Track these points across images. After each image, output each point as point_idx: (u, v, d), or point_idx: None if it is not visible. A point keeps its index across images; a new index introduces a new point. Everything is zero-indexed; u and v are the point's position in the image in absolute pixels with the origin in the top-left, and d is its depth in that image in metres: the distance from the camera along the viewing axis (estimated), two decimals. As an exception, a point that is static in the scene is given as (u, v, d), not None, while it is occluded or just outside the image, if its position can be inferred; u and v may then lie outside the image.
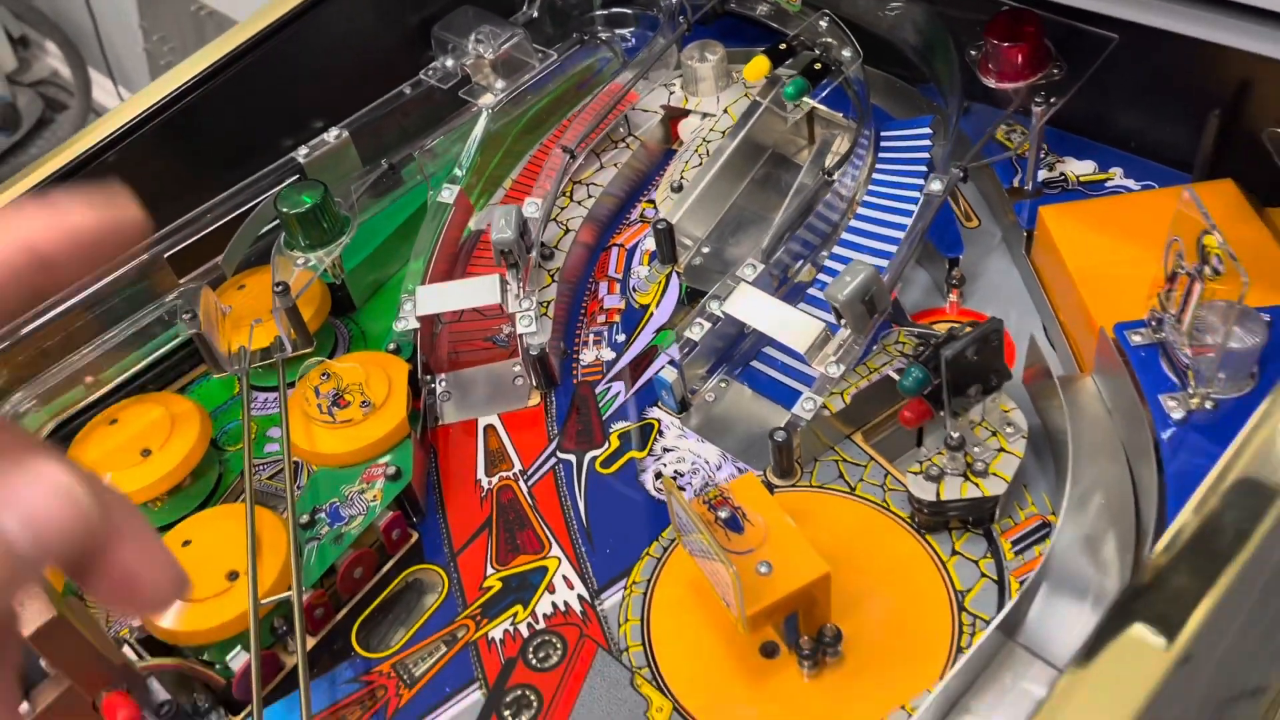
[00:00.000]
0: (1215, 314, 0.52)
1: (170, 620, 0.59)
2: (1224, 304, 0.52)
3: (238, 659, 0.59)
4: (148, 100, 0.76)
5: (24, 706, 0.51)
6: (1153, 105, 0.74)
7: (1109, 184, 0.75)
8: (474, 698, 0.59)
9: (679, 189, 0.82)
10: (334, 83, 0.84)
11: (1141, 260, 0.65)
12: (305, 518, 0.64)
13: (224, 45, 0.78)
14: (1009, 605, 0.51)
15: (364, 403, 0.68)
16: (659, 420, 0.71)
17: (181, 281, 0.75)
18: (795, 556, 0.55)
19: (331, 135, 0.80)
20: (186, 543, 0.63)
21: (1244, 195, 0.68)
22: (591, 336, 0.77)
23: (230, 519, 0.64)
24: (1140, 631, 0.37)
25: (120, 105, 0.75)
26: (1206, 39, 0.60)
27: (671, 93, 0.91)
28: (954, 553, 0.60)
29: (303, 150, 0.79)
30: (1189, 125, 0.72)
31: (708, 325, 0.69)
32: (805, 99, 0.78)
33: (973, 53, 0.75)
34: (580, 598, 0.62)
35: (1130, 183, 0.74)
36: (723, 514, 0.57)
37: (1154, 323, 0.58)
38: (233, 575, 0.60)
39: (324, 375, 0.69)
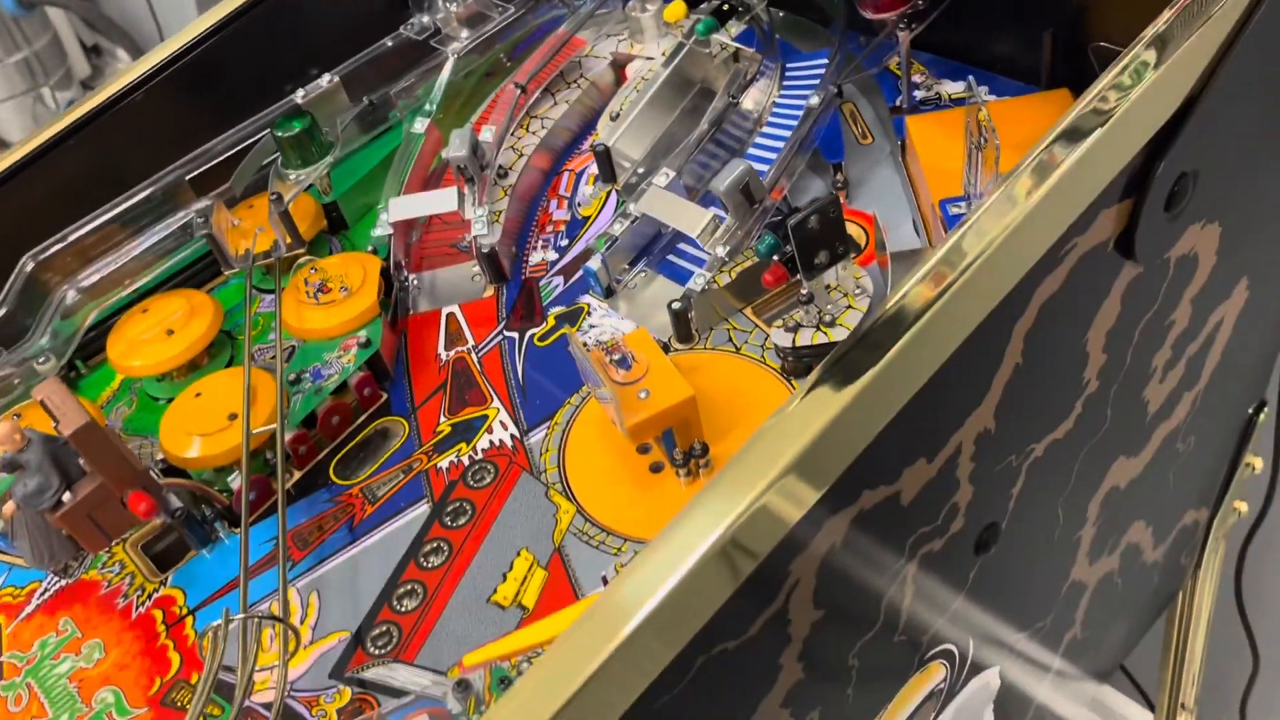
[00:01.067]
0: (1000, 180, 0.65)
1: (182, 450, 0.74)
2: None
3: (236, 480, 0.74)
4: (171, 47, 0.92)
5: (67, 495, 0.67)
6: (1009, 31, 0.86)
7: (972, 100, 0.87)
8: (422, 509, 0.74)
9: (615, 117, 0.96)
10: (328, 38, 0.99)
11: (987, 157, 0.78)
12: (292, 376, 0.79)
13: (232, 3, 0.93)
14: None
15: (343, 289, 0.83)
16: (588, 305, 0.85)
17: (199, 200, 0.90)
18: (669, 384, 0.69)
19: (325, 80, 0.95)
20: (198, 394, 0.78)
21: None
22: (540, 243, 0.92)
23: (233, 378, 0.79)
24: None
25: (148, 53, 0.91)
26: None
27: (620, 41, 1.05)
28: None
29: (300, 93, 0.94)
30: (1035, 46, 0.84)
31: (626, 222, 0.83)
32: (722, 38, 0.91)
33: (856, -10, 0.87)
34: (512, 436, 0.77)
35: (992, 99, 0.87)
36: (615, 357, 0.71)
37: (969, 197, 0.71)
38: (233, 417, 0.76)
39: (312, 269, 0.85)
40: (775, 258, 0.73)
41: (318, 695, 0.65)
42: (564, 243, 0.91)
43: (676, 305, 0.77)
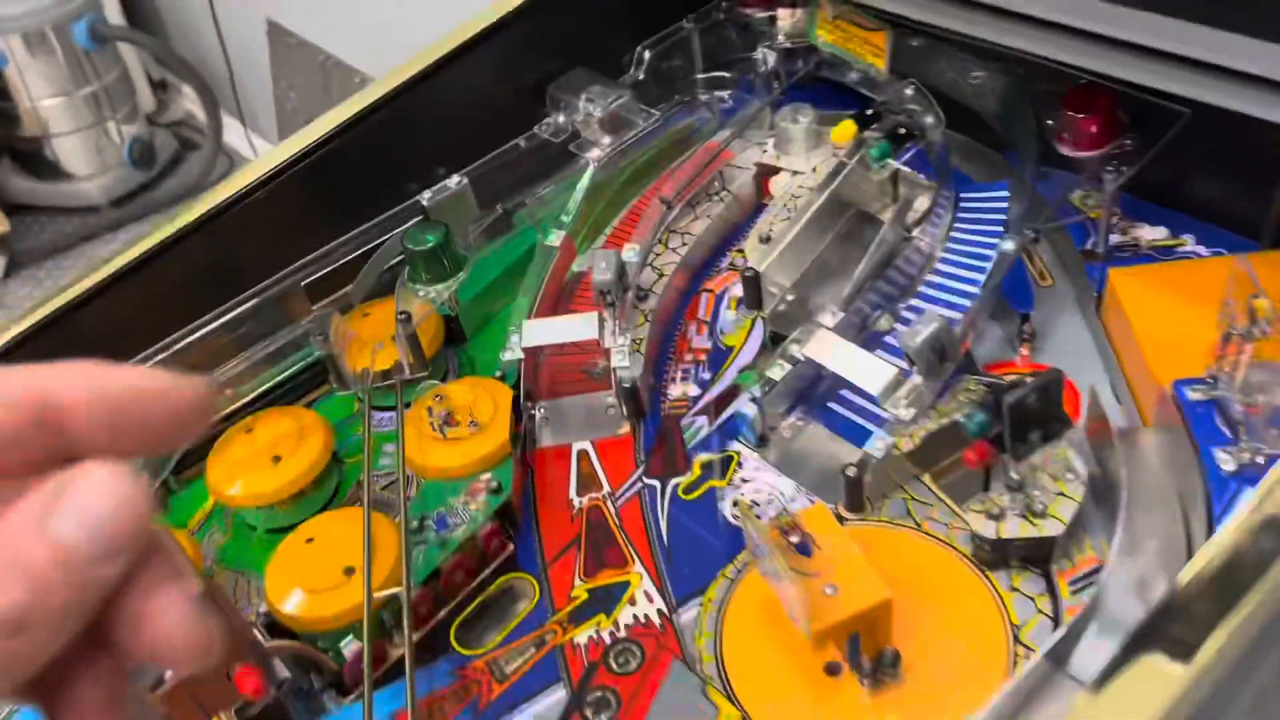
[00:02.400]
0: (1266, 373, 0.56)
1: (292, 607, 0.66)
2: (1275, 364, 0.56)
3: (350, 646, 0.65)
4: (294, 148, 0.86)
5: (168, 673, 0.58)
6: (1224, 175, 0.77)
7: (1179, 250, 0.78)
8: (558, 695, 0.64)
9: (767, 240, 0.88)
10: (456, 135, 0.92)
11: (1203, 321, 0.69)
12: (415, 523, 0.71)
13: (360, 101, 0.87)
14: (1057, 635, 0.55)
15: (472, 423, 0.75)
16: (739, 453, 0.76)
17: (315, 308, 0.83)
18: (860, 581, 0.60)
19: (453, 182, 0.88)
20: (310, 540, 0.70)
21: (1309, 264, 0.71)
22: (680, 373, 0.83)
23: (349, 521, 0.71)
24: (1156, 656, 0.40)
25: (270, 151, 0.85)
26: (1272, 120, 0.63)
27: (764, 151, 0.97)
28: (1012, 589, 0.64)
29: (427, 194, 0.87)
30: (1259, 195, 0.75)
31: (788, 366, 0.75)
32: (889, 160, 0.83)
33: (1050, 122, 0.79)
34: (659, 611, 0.68)
35: (1200, 249, 0.78)
36: (794, 539, 0.62)
37: (1211, 380, 0.62)
38: (349, 571, 0.67)
39: (437, 397, 0.77)
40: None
41: None
42: (706, 375, 0.83)
43: (852, 471, 0.68)
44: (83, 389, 0.27)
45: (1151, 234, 0.80)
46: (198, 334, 0.79)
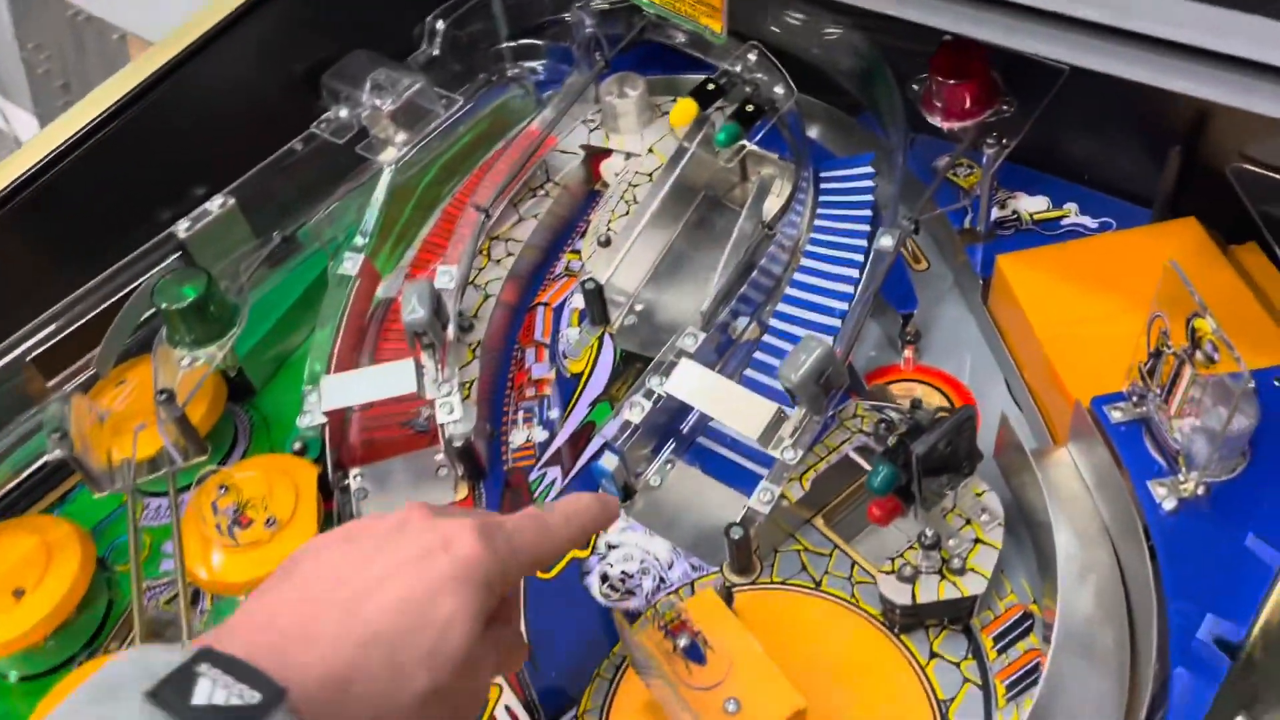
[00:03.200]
0: (1208, 394, 0.48)
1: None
2: (1216, 381, 0.47)
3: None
4: (4, 176, 0.67)
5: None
6: (1106, 136, 0.69)
7: (1064, 221, 0.70)
8: None
9: (607, 243, 0.76)
10: (215, 143, 0.75)
11: (1110, 317, 0.61)
12: (208, 663, 0.56)
13: (86, 112, 0.69)
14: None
15: (269, 520, 0.60)
16: (601, 511, 0.64)
17: (51, 384, 0.66)
18: (766, 689, 0.50)
19: (215, 204, 0.71)
20: (70, 705, 0.54)
21: (1207, 234, 0.64)
22: (521, 414, 0.71)
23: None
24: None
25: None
26: (1157, 85, 0.54)
27: (591, 130, 0.84)
28: (932, 655, 0.55)
29: (183, 223, 0.70)
30: (1144, 156, 0.68)
31: (648, 405, 0.63)
32: (750, 145, 0.72)
33: (915, 87, 0.69)
34: (526, 731, 0.56)
35: (1087, 219, 0.70)
36: (682, 642, 0.51)
37: (1134, 398, 0.54)
38: (126, 744, 0.52)
39: (221, 488, 0.62)
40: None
41: None
42: (553, 414, 0.70)
43: (736, 533, 0.57)
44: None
45: (1032, 205, 0.71)
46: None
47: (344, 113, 0.76)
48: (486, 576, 0.43)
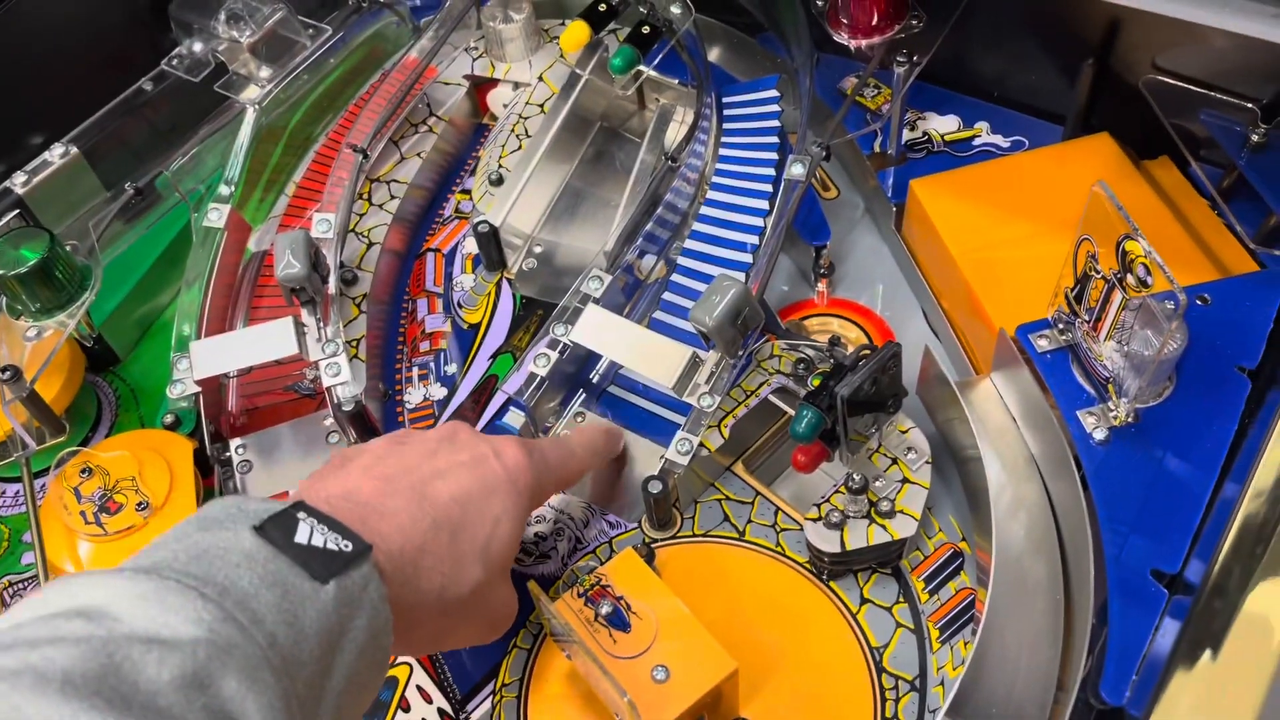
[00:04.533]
0: (1138, 318, 0.46)
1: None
2: (1146, 305, 0.45)
3: None
4: None
5: None
6: (1016, 51, 0.67)
7: (976, 141, 0.67)
8: None
9: (498, 181, 0.70)
10: (50, 84, 0.67)
11: (1029, 240, 0.59)
12: (81, 666, 0.51)
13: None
14: (954, 690, 0.44)
15: (140, 504, 0.54)
16: (508, 470, 0.60)
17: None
18: (695, 653, 0.47)
19: (55, 153, 0.64)
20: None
21: (1121, 150, 0.62)
22: (416, 371, 0.66)
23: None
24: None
25: None
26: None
27: (475, 58, 0.78)
28: (863, 601, 0.53)
29: (19, 177, 0.63)
30: (1054, 71, 0.65)
31: (554, 355, 0.59)
32: (647, 70, 0.67)
33: (819, 3, 0.65)
34: (441, 713, 0.52)
35: (999, 139, 0.67)
36: (604, 609, 0.48)
37: (1060, 325, 0.52)
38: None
39: (84, 471, 0.55)
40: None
41: None
42: (449, 369, 0.65)
43: (655, 487, 0.54)
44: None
45: (942, 125, 0.68)
46: None
47: (198, 46, 0.68)
48: (529, 485, 0.47)
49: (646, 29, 0.65)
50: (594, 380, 0.62)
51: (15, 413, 0.55)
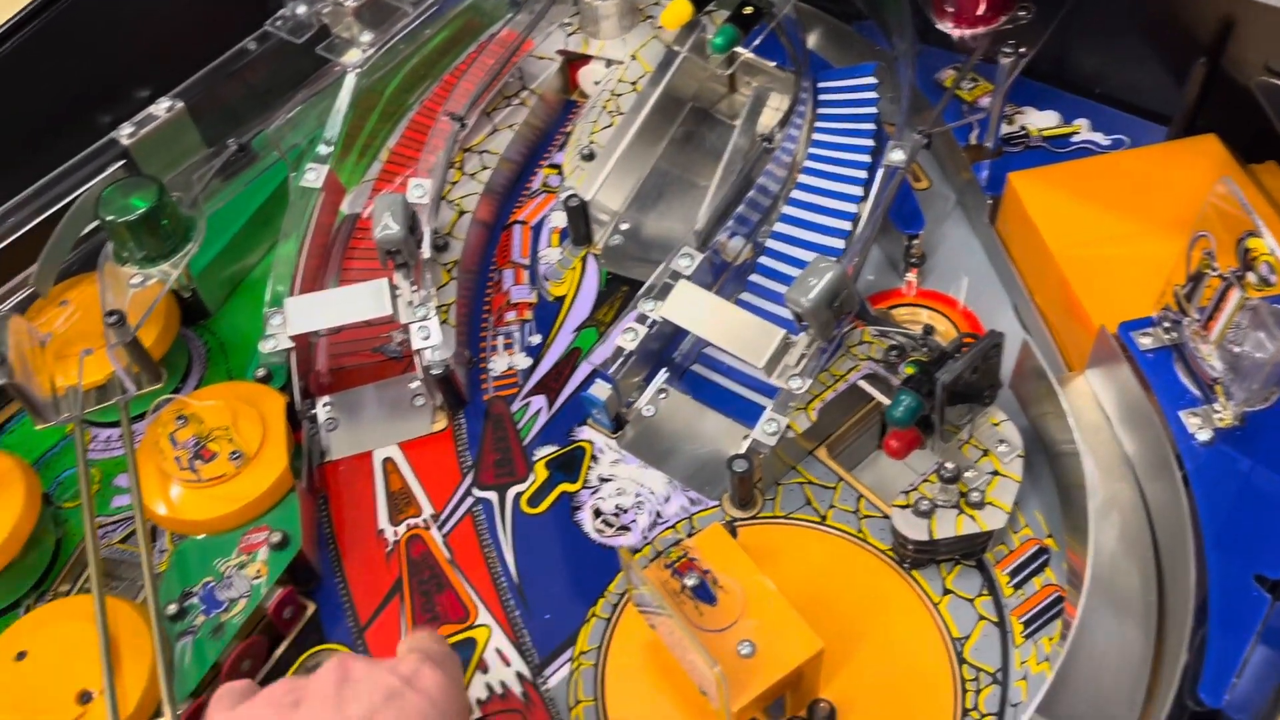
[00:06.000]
0: (1257, 320, 0.45)
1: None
2: (1260, 307, 0.45)
3: (100, 799, 0.47)
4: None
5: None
6: (1122, 48, 0.66)
7: (1075, 138, 0.66)
8: (403, 815, 0.49)
9: (590, 157, 0.71)
10: (158, 40, 0.68)
11: (1131, 238, 0.58)
12: (173, 606, 0.52)
13: (10, 3, 0.61)
14: (1043, 690, 0.44)
15: (234, 454, 0.55)
16: (591, 443, 0.61)
17: (-16, 305, 0.60)
18: (782, 630, 0.47)
19: (161, 107, 0.65)
20: (21, 654, 0.50)
21: (1229, 153, 0.61)
22: (501, 340, 0.66)
23: (75, 618, 0.51)
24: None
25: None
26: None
27: (569, 34, 0.78)
28: (945, 591, 0.53)
29: (126, 128, 0.64)
30: (1161, 70, 0.64)
31: (642, 330, 0.59)
32: (745, 54, 0.67)
33: (924, -10, 0.65)
34: (520, 676, 0.53)
35: (1099, 136, 0.66)
36: (690, 581, 0.48)
37: (1166, 323, 0.51)
38: (85, 697, 0.48)
39: (180, 419, 0.56)
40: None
41: None
42: (535, 339, 0.66)
43: (740, 466, 0.54)
44: None
45: (1041, 120, 0.67)
46: None
47: (301, 9, 0.69)
48: (455, 698, 0.43)
49: (749, 9, 0.65)
50: (676, 359, 0.62)
51: (118, 357, 0.56)
